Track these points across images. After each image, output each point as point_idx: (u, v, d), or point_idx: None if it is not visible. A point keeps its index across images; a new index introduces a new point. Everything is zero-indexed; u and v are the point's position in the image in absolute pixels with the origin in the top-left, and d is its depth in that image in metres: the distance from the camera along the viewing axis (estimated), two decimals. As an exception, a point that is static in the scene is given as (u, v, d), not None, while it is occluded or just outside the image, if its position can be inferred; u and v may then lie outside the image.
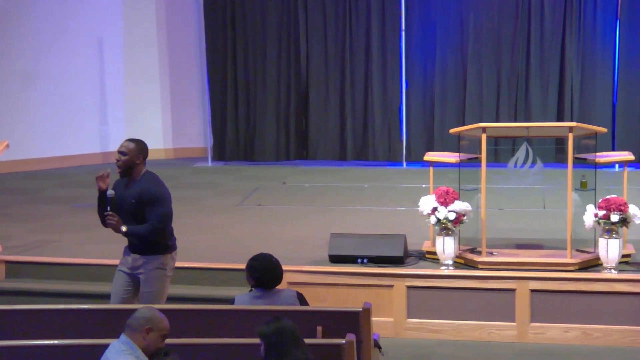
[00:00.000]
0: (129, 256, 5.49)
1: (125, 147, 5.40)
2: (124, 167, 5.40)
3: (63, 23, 11.11)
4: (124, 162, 5.39)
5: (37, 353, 4.54)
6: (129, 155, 5.38)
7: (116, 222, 5.36)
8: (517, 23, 10.58)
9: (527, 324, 6.53)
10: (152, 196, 5.38)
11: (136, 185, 5.43)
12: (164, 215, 5.40)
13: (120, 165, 5.41)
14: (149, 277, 5.45)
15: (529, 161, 6.72)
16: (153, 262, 5.45)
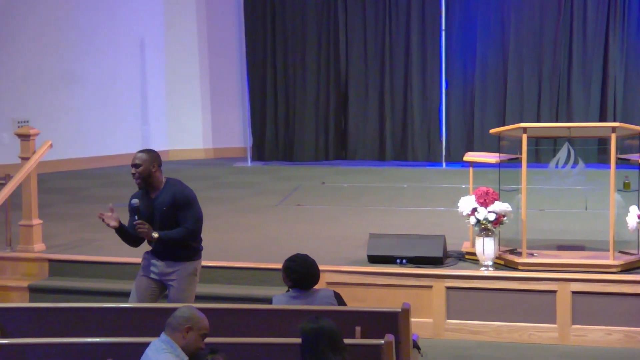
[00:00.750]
0: (158, 262, 5.49)
1: (138, 159, 5.42)
2: (141, 177, 5.42)
3: (105, 23, 11.24)
4: (140, 173, 5.41)
5: (79, 350, 4.60)
6: (143, 166, 5.40)
7: (147, 228, 5.36)
8: (559, 21, 10.47)
9: (569, 326, 6.46)
10: (186, 199, 5.43)
11: (164, 193, 5.45)
12: (198, 218, 5.46)
13: (138, 176, 5.42)
14: (183, 284, 5.46)
15: (570, 162, 6.65)
16: (187, 269, 5.47)
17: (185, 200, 5.43)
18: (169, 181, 5.52)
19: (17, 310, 5.29)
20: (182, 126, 11.83)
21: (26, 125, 10.29)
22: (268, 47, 11.27)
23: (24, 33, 10.74)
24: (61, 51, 10.97)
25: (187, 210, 5.42)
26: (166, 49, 11.72)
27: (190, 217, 5.43)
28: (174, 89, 11.78)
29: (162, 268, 5.49)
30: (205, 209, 8.83)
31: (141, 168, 5.41)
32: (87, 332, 4.95)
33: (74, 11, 11.07)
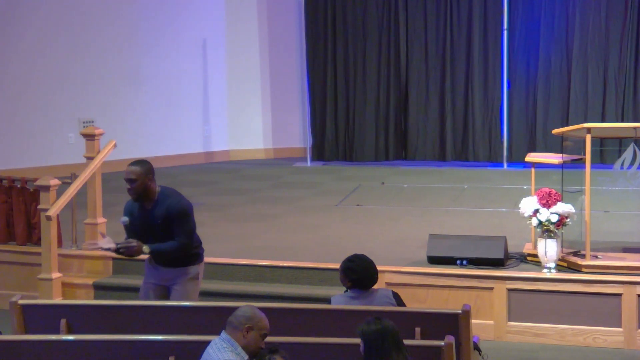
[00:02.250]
0: (158, 269, 5.47)
1: (132, 174, 5.27)
2: (137, 193, 5.32)
3: (168, 25, 11.40)
4: (135, 188, 5.29)
5: (142, 348, 4.67)
6: (138, 180, 5.29)
7: (136, 247, 5.31)
8: (625, 20, 10.28)
9: (635, 330, 6.33)
10: (179, 213, 5.33)
11: (159, 205, 5.36)
12: (189, 231, 5.40)
13: (134, 192, 5.32)
14: (184, 288, 5.45)
15: (636, 163, 6.51)
16: (187, 274, 5.46)
17: (178, 213, 5.33)
18: (164, 191, 5.41)
19: (83, 307, 5.40)
20: (243, 126, 11.93)
21: (91, 125, 10.50)
22: (328, 47, 11.29)
23: (89, 34, 10.95)
24: (125, 52, 11.16)
25: (180, 223, 5.33)
26: (227, 50, 11.84)
27: (182, 232, 5.34)
28: (235, 89, 11.89)
29: (163, 274, 5.49)
30: (266, 208, 8.98)
31: (137, 183, 5.28)
32: (149, 329, 5.02)
33: (138, 13, 11.25)
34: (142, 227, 5.38)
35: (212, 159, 11.84)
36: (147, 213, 5.38)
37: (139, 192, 5.32)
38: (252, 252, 7.30)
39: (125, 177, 5.31)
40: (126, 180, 5.30)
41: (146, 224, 5.37)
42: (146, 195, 5.34)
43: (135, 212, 5.41)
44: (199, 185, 10.29)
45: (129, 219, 5.40)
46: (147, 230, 5.36)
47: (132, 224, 5.40)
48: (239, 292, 6.69)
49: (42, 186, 7.06)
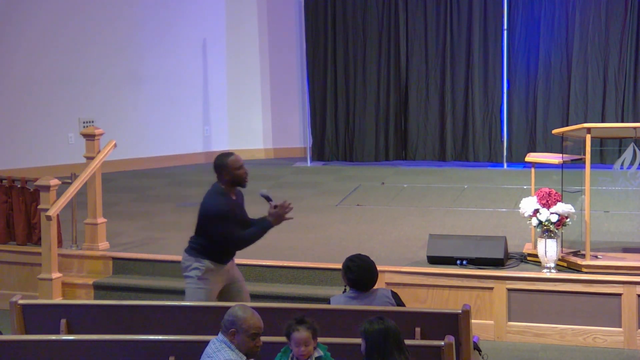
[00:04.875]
0: (225, 267, 5.53)
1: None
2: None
3: (168, 25, 11.40)
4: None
5: (142, 347, 4.67)
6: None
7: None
8: (625, 20, 10.28)
9: (635, 330, 6.34)
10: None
11: (239, 194, 5.59)
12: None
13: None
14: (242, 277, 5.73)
15: (636, 163, 6.51)
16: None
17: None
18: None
19: (83, 307, 5.40)
20: (243, 126, 11.93)
21: (91, 125, 10.51)
22: (329, 48, 11.29)
23: (89, 34, 10.95)
24: (125, 52, 11.17)
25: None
26: (228, 50, 11.84)
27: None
28: (235, 89, 11.89)
29: (231, 270, 5.59)
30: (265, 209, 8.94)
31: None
32: (150, 329, 5.03)
33: (138, 13, 11.25)
34: (239, 217, 5.50)
35: (212, 159, 11.80)
36: (237, 202, 5.53)
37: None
38: (253, 252, 7.24)
39: (243, 162, 5.49)
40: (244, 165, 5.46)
41: (239, 213, 5.51)
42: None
43: (235, 203, 5.49)
44: (199, 185, 10.27)
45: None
46: (238, 219, 5.49)
47: (235, 214, 5.45)
48: (239, 292, 6.68)
49: (42, 186, 7.06)
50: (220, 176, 5.49)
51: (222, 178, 5.48)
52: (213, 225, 5.37)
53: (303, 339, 4.24)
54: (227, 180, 5.47)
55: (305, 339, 4.24)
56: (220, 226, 5.35)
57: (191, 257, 5.50)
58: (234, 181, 5.47)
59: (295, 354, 4.29)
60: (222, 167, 5.48)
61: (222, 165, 5.48)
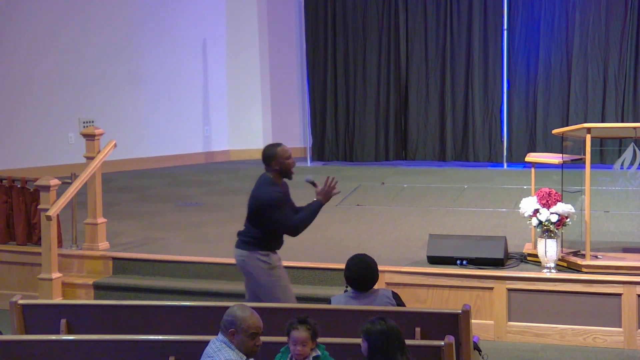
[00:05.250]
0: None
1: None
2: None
3: (168, 25, 11.41)
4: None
5: (142, 348, 4.67)
6: None
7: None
8: (625, 20, 10.28)
9: (635, 330, 6.33)
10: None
11: (284, 185, 5.65)
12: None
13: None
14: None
15: (636, 163, 6.51)
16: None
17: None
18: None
19: (83, 307, 5.40)
20: (243, 126, 11.94)
21: (91, 125, 10.51)
22: (329, 48, 11.30)
23: (89, 34, 10.95)
24: (126, 52, 11.17)
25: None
26: (228, 50, 11.84)
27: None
28: (235, 89, 11.89)
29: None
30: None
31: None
32: (150, 329, 5.03)
33: (138, 13, 11.25)
34: (290, 205, 5.56)
35: (212, 159, 11.84)
36: (286, 193, 5.57)
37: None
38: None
39: (291, 154, 5.56)
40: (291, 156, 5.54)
41: (288, 201, 5.59)
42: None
43: (282, 192, 5.55)
44: (199, 185, 10.30)
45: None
46: (291, 208, 5.58)
47: (286, 201, 5.54)
48: (240, 292, 6.66)
49: (42, 186, 7.06)
50: (269, 166, 5.55)
51: (271, 168, 5.54)
52: (268, 214, 5.41)
53: (301, 339, 4.26)
54: (276, 169, 5.52)
55: (303, 339, 4.25)
56: (275, 215, 5.41)
57: (247, 251, 5.53)
58: (282, 170, 5.53)
59: (292, 353, 4.30)
60: (271, 157, 5.53)
61: (271, 154, 5.54)
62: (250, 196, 5.55)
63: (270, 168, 5.53)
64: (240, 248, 5.55)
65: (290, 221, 5.45)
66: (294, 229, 5.49)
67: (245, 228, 5.57)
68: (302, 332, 4.26)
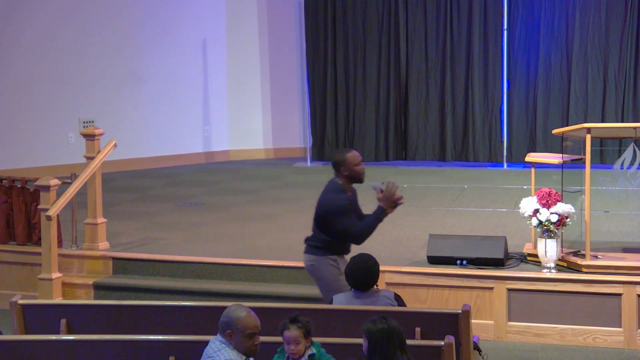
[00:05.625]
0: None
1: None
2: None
3: (169, 25, 11.40)
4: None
5: (142, 348, 4.67)
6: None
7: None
8: (625, 20, 10.28)
9: (635, 330, 6.33)
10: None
11: (353, 191, 5.65)
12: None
13: None
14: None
15: (636, 163, 6.51)
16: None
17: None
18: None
19: (82, 307, 5.40)
20: (243, 126, 11.93)
21: (91, 125, 10.50)
22: (329, 48, 11.29)
23: (89, 34, 10.95)
24: (126, 52, 11.17)
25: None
26: (228, 50, 11.84)
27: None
28: (235, 89, 11.89)
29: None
30: (266, 208, 8.98)
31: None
32: (149, 329, 5.03)
33: (138, 13, 11.25)
34: (356, 212, 5.57)
35: (212, 159, 11.84)
36: (352, 198, 5.57)
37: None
38: (253, 252, 7.30)
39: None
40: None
41: (356, 209, 5.59)
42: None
43: (348, 199, 5.54)
44: (199, 185, 10.29)
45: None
46: (357, 215, 5.58)
47: (352, 209, 5.53)
48: (240, 292, 6.69)
49: (42, 186, 7.06)
50: (338, 172, 5.52)
51: (341, 174, 5.52)
52: (333, 221, 5.42)
53: (293, 338, 4.29)
54: (346, 175, 5.51)
55: (294, 338, 4.28)
56: (340, 221, 5.41)
57: (316, 255, 5.54)
58: (352, 177, 5.51)
59: (286, 352, 4.32)
60: (340, 163, 5.51)
61: (341, 161, 5.51)
62: (317, 202, 5.55)
63: (340, 174, 5.51)
64: (309, 253, 5.59)
65: (353, 229, 5.44)
66: (356, 237, 5.50)
67: (313, 233, 5.59)
68: (293, 331, 4.30)
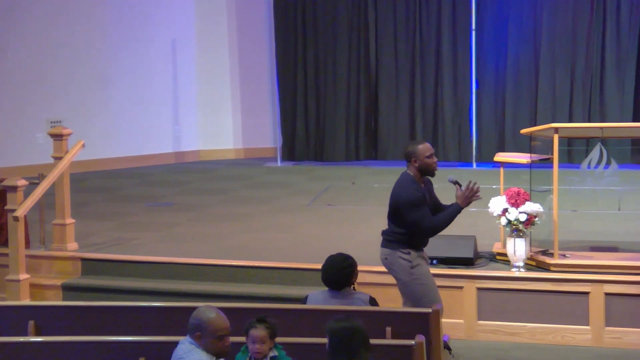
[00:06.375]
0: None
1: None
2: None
3: (137, 25, 11.33)
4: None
5: (112, 349, 4.64)
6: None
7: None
8: (592, 20, 10.38)
9: (603, 328, 6.40)
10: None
11: (427, 182, 5.67)
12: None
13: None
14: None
15: (603, 162, 6.59)
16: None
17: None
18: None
19: (51, 308, 5.35)
20: (213, 126, 11.89)
21: (59, 125, 10.41)
22: (298, 47, 11.29)
23: (58, 34, 10.86)
24: (95, 52, 11.09)
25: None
26: (197, 50, 11.79)
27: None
28: (205, 89, 11.85)
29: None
30: (238, 209, 8.96)
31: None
32: (119, 330, 4.99)
33: (107, 13, 11.17)
34: (430, 204, 5.56)
35: (183, 159, 11.79)
36: (426, 190, 5.58)
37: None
38: (225, 252, 7.28)
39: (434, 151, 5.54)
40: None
41: (431, 201, 5.57)
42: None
43: (422, 191, 5.51)
44: (170, 185, 10.25)
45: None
46: (433, 206, 5.58)
47: (425, 201, 5.50)
48: (211, 293, 6.67)
49: (10, 186, 6.98)
50: (410, 163, 5.54)
51: (412, 165, 5.53)
52: (405, 213, 5.43)
53: (259, 337, 4.31)
54: (417, 167, 5.53)
55: (261, 337, 4.30)
56: (412, 214, 5.42)
57: (390, 249, 5.56)
58: (422, 168, 5.53)
59: (250, 351, 4.32)
60: (412, 154, 5.54)
61: (412, 152, 5.54)
62: (391, 194, 5.58)
63: (411, 165, 5.54)
64: (383, 247, 5.63)
65: (426, 222, 5.46)
66: (428, 230, 5.52)
67: (388, 227, 5.62)
68: (260, 331, 4.32)
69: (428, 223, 5.47)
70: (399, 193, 5.51)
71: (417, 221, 5.44)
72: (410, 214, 5.43)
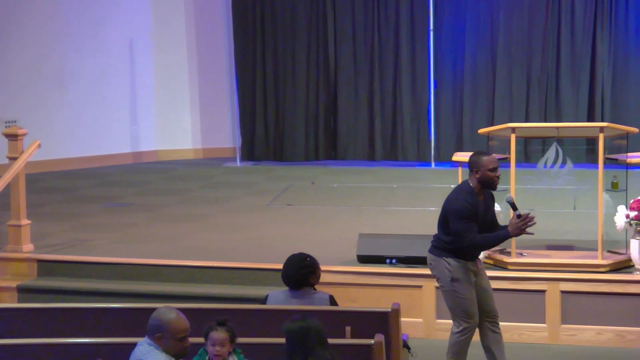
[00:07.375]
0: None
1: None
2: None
3: (94, 24, 11.22)
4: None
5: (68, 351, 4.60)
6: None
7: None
8: (547, 22, 10.51)
9: (558, 326, 6.49)
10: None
11: (488, 195, 5.51)
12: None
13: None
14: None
15: (559, 161, 6.67)
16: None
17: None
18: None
19: (6, 310, 5.28)
20: (171, 126, 11.81)
21: (14, 125, 10.25)
22: (257, 47, 11.26)
23: (13, 34, 10.70)
24: (51, 52, 10.94)
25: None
26: (155, 49, 11.70)
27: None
28: (163, 89, 11.76)
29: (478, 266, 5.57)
30: (196, 209, 8.91)
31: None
32: (76, 332, 4.94)
33: (64, 12, 11.03)
34: (483, 218, 5.39)
35: (140, 159, 11.69)
36: (483, 204, 5.42)
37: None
38: (183, 252, 7.24)
39: (497, 165, 5.37)
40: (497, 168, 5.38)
41: (485, 215, 5.41)
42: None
43: (476, 204, 5.36)
44: (128, 185, 10.16)
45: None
46: (486, 222, 5.42)
47: (477, 215, 5.35)
48: (170, 293, 6.63)
49: (-36, 187, 6.87)
50: (472, 173, 5.40)
51: (473, 176, 5.39)
52: (452, 221, 5.32)
53: (219, 339, 4.29)
54: (478, 178, 5.37)
55: (221, 340, 4.29)
56: (457, 225, 5.30)
57: (435, 256, 5.48)
58: (483, 180, 5.37)
59: (209, 354, 4.31)
60: (475, 164, 5.39)
61: (476, 162, 5.39)
62: (445, 200, 5.47)
63: (472, 176, 5.39)
64: (430, 252, 5.56)
65: (468, 237, 5.30)
66: (468, 246, 5.36)
67: (438, 232, 5.53)
68: (221, 333, 4.30)
69: (469, 239, 5.30)
70: (451, 201, 5.40)
71: (460, 233, 5.30)
72: (456, 225, 5.31)
